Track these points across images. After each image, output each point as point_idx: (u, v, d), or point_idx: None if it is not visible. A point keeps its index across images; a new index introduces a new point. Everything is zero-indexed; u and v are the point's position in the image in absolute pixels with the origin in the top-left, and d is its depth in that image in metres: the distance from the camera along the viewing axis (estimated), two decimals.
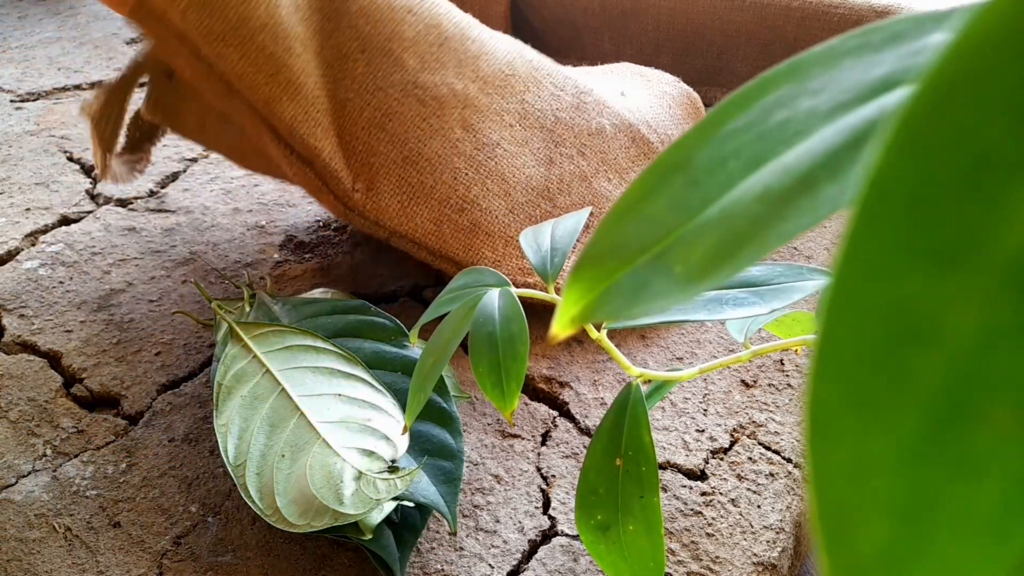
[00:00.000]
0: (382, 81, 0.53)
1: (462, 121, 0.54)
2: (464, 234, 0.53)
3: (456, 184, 0.53)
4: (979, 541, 0.08)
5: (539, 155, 0.56)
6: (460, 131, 0.54)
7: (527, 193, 0.55)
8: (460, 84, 0.54)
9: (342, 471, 0.39)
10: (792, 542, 0.42)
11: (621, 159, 0.59)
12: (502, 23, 0.98)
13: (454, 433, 0.43)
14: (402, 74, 0.53)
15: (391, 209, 0.52)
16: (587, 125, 0.58)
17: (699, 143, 0.15)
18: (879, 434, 0.09)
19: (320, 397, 0.42)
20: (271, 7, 0.49)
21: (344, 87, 0.52)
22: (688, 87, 0.68)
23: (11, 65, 0.90)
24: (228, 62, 0.48)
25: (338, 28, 0.52)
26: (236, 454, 0.40)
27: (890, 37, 0.14)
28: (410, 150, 0.53)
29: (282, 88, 0.49)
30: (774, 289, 0.36)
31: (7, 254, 0.60)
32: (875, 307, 0.09)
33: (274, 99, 0.49)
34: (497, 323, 0.35)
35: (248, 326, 0.47)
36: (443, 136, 0.53)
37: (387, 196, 0.52)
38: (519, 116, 0.56)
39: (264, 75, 0.49)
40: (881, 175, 0.09)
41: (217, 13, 0.47)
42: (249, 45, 0.48)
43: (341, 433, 0.41)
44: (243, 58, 0.48)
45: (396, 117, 0.53)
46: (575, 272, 0.16)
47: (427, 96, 0.53)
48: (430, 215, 0.53)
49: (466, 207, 0.53)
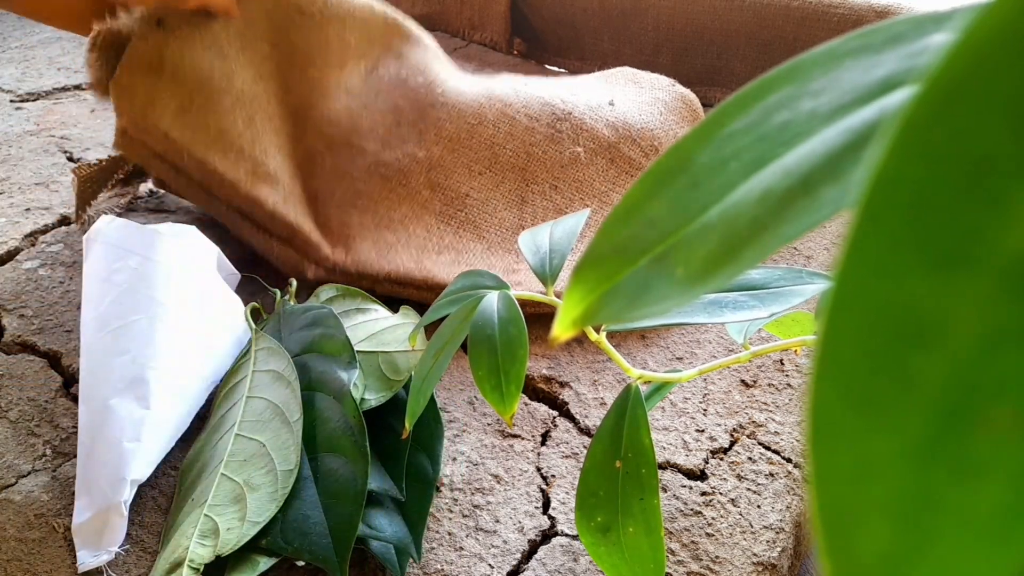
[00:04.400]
0: (347, 168, 0.58)
1: (428, 183, 0.58)
2: (446, 266, 0.55)
3: (430, 235, 0.57)
4: (981, 544, 0.08)
5: (511, 197, 0.59)
6: (427, 192, 0.58)
7: (501, 233, 0.58)
8: (423, 152, 0.59)
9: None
10: (792, 542, 0.42)
11: (598, 183, 0.61)
12: (502, 23, 0.98)
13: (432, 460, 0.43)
14: (364, 159, 0.58)
15: (371, 260, 0.55)
16: (560, 157, 0.61)
17: (700, 145, 0.15)
18: (881, 436, 0.09)
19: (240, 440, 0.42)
20: (246, 119, 0.55)
21: (315, 180, 0.58)
22: (685, 90, 0.69)
23: (11, 65, 0.90)
24: (210, 167, 0.53)
25: (305, 132, 0.58)
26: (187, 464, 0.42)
27: (890, 38, 0.14)
28: (381, 216, 0.57)
29: (262, 180, 0.55)
30: (773, 293, 0.36)
31: (7, 254, 0.60)
32: (877, 308, 0.09)
33: (255, 189, 0.54)
34: (496, 326, 0.35)
35: (260, 336, 0.47)
36: (411, 200, 0.58)
37: (365, 252, 0.56)
38: (489, 163, 0.60)
39: (244, 172, 0.54)
40: (883, 177, 0.09)
41: (200, 128, 0.53)
42: (229, 150, 0.54)
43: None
44: (224, 160, 0.54)
45: (363, 195, 0.58)
46: (576, 274, 0.16)
47: (390, 172, 0.58)
48: (410, 257, 0.56)
49: (444, 250, 0.56)
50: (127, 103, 0.52)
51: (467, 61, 0.97)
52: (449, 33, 1.05)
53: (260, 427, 0.42)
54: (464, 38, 1.03)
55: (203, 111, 0.53)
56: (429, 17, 1.06)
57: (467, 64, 0.96)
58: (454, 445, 0.46)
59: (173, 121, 0.52)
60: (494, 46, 1.00)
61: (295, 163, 0.58)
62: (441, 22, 1.05)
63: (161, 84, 0.52)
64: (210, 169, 0.53)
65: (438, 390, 0.49)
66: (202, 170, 0.54)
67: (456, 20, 1.04)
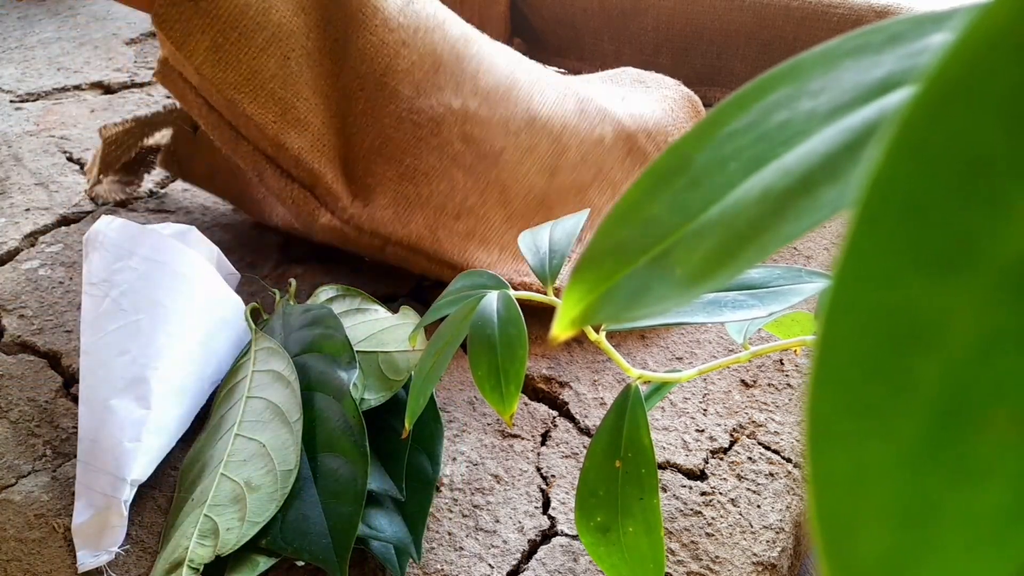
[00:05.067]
0: (379, 112, 0.56)
1: (462, 135, 0.56)
2: (460, 239, 0.54)
3: (453, 193, 0.55)
4: (980, 546, 0.08)
5: (543, 163, 0.57)
6: (460, 144, 0.56)
7: (526, 202, 0.56)
8: (458, 102, 0.56)
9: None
10: (792, 542, 0.42)
11: (616, 172, 0.60)
12: (502, 23, 0.98)
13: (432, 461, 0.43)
14: (397, 104, 0.56)
15: (386, 218, 0.54)
16: (590, 132, 0.59)
17: (699, 144, 0.15)
18: (879, 439, 0.09)
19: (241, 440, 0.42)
20: (280, 58, 0.53)
21: (348, 123, 0.56)
22: (688, 90, 0.68)
23: (11, 65, 0.90)
24: (239, 108, 0.52)
25: (342, 70, 0.56)
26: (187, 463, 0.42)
27: (890, 38, 0.14)
28: (406, 167, 0.55)
29: (290, 125, 0.53)
30: (773, 292, 0.36)
31: (7, 254, 0.60)
32: (875, 311, 0.09)
33: (282, 134, 0.53)
34: (496, 326, 0.35)
35: (260, 336, 0.47)
36: (441, 151, 0.55)
37: (382, 208, 0.54)
38: (526, 122, 0.57)
39: (273, 115, 0.53)
40: (881, 177, 0.09)
41: (231, 67, 0.51)
42: (260, 92, 0.52)
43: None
44: (254, 102, 0.52)
45: (391, 142, 0.56)
46: (575, 273, 0.16)
47: (422, 119, 0.56)
48: (425, 221, 0.54)
49: (463, 214, 0.54)
50: (165, 34, 0.51)
51: None
52: None
53: (260, 427, 0.42)
54: None
55: (236, 48, 0.51)
56: None
57: None
58: (454, 445, 0.46)
59: (206, 57, 0.51)
60: None
61: (332, 103, 0.56)
62: None
63: (196, 17, 0.50)
64: (239, 111, 0.52)
65: (438, 390, 0.49)
66: (231, 110, 0.53)
67: None
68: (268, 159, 0.54)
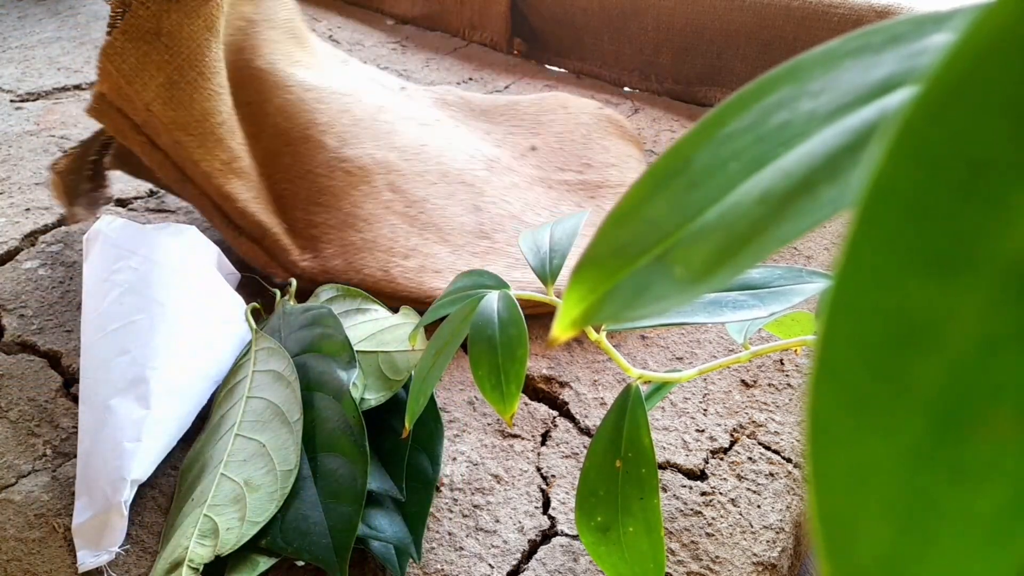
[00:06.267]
0: (308, 164, 0.58)
1: (389, 184, 0.59)
2: (414, 274, 0.55)
3: (396, 236, 0.57)
4: (980, 546, 0.08)
5: (466, 204, 0.61)
6: (389, 193, 0.58)
7: (464, 236, 0.59)
8: (380, 153, 0.60)
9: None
10: (792, 542, 0.42)
11: (544, 200, 0.64)
12: (502, 23, 0.98)
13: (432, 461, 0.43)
14: (324, 153, 0.58)
15: (338, 268, 0.55)
16: (501, 182, 0.64)
17: (699, 145, 0.15)
18: (880, 439, 0.09)
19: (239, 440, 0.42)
20: (229, 108, 0.54)
21: (278, 179, 0.57)
22: (609, 111, 0.75)
23: (11, 65, 0.90)
24: (186, 150, 0.52)
25: (262, 131, 0.58)
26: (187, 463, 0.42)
27: (890, 38, 0.14)
28: (347, 214, 0.57)
29: (235, 174, 0.54)
30: (773, 292, 0.36)
31: (7, 254, 0.60)
32: (875, 311, 0.09)
33: (228, 184, 0.53)
34: (496, 326, 0.35)
35: (260, 336, 0.47)
36: (375, 199, 0.58)
37: (332, 258, 0.55)
38: (440, 175, 0.61)
39: (220, 163, 0.53)
40: (882, 178, 0.09)
41: (183, 107, 0.51)
42: (209, 137, 0.52)
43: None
44: (202, 147, 0.52)
45: (327, 191, 0.57)
46: (576, 274, 0.16)
47: (353, 167, 0.58)
48: (377, 264, 0.55)
49: (410, 254, 0.56)
50: (114, 67, 0.50)
51: (467, 61, 0.97)
52: (449, 33, 1.05)
53: (260, 427, 0.42)
54: (464, 38, 1.03)
55: (191, 88, 0.51)
56: (429, 17, 1.06)
57: (467, 64, 0.96)
58: (454, 445, 0.46)
59: (157, 94, 0.50)
60: (494, 46, 1.00)
61: (257, 163, 0.57)
62: (441, 22, 1.05)
63: (153, 53, 0.50)
64: (185, 154, 0.52)
65: (438, 390, 0.49)
66: (177, 152, 0.52)
67: (456, 20, 1.04)
68: (215, 207, 0.54)
